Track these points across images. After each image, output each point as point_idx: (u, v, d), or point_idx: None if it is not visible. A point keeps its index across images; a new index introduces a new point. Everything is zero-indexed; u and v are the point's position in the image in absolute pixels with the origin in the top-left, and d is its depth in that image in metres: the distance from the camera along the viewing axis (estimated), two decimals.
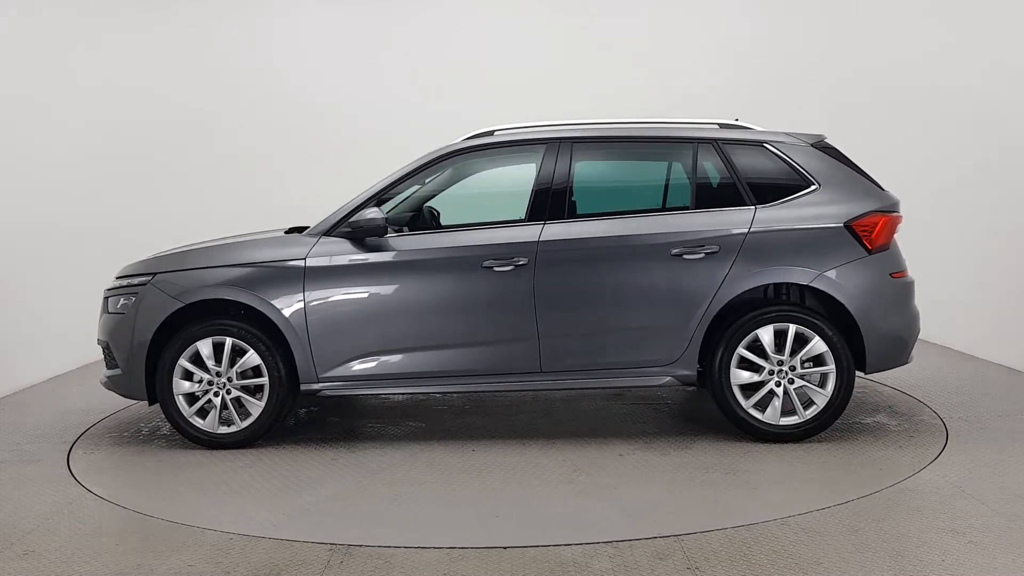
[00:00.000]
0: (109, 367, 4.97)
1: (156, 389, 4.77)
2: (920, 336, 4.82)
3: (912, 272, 4.78)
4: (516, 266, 4.61)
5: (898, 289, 4.64)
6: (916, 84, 7.27)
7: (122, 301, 4.88)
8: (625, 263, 4.63)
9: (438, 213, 5.46)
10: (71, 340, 7.10)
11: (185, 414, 4.74)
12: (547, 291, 4.61)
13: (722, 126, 4.89)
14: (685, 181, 4.84)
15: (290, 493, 4.11)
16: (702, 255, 4.57)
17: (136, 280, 4.90)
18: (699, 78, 8.23)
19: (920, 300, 4.78)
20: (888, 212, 4.64)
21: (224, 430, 4.75)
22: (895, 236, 4.72)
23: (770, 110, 7.36)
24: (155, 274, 4.86)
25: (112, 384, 4.94)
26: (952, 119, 6.87)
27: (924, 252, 6.71)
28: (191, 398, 4.75)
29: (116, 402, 5.88)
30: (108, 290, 5.03)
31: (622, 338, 4.64)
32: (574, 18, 8.55)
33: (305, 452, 4.74)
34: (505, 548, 3.39)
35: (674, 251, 4.59)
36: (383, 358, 4.70)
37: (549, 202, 4.72)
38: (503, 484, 4.14)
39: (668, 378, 4.63)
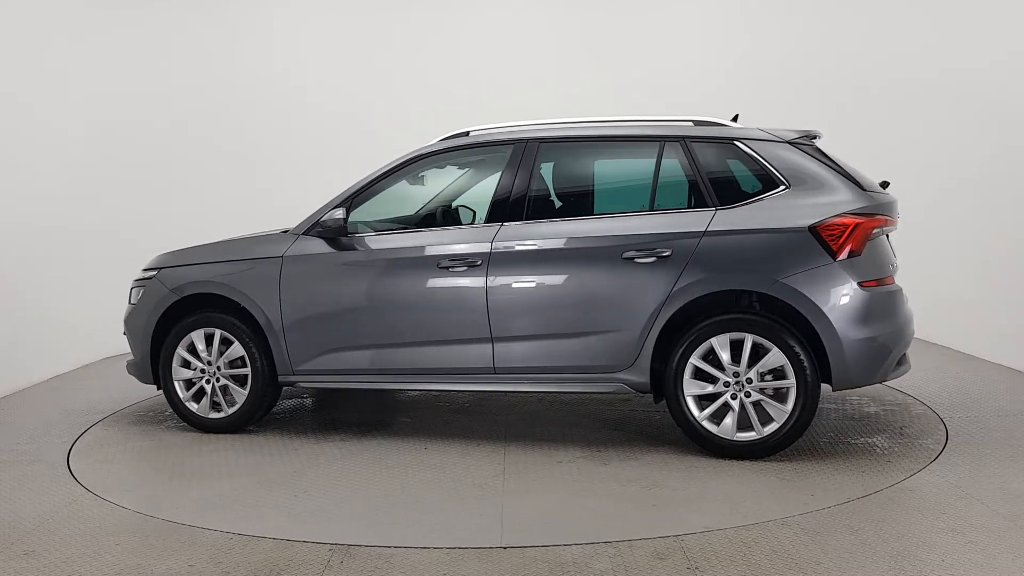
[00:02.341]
0: (131, 353, 5.35)
1: (160, 375, 5.15)
2: (920, 336, 4.73)
3: (912, 272, 4.65)
4: (470, 267, 4.59)
5: (871, 300, 4.22)
6: (917, 82, 7.27)
7: (141, 293, 5.27)
8: (576, 265, 4.49)
9: (474, 212, 5.50)
10: (71, 340, 7.11)
11: (182, 399, 5.10)
12: (499, 292, 4.57)
13: (697, 123, 4.63)
14: (648, 181, 4.61)
15: (222, 479, 4.34)
16: (653, 259, 4.36)
17: (148, 274, 5.29)
18: (701, 78, 8.22)
19: (920, 300, 4.67)
20: (863, 215, 4.26)
21: (214, 415, 5.07)
22: (877, 240, 4.38)
23: (772, 109, 7.35)
24: (161, 269, 5.23)
25: (130, 369, 5.35)
26: (953, 118, 6.87)
27: (924, 252, 6.73)
28: (189, 384, 5.10)
29: (116, 402, 5.92)
30: (133, 281, 5.39)
31: (573, 342, 4.49)
32: (575, 18, 8.54)
33: (277, 440, 4.99)
34: (505, 548, 3.39)
35: (625, 254, 4.41)
36: (347, 354, 4.82)
37: (509, 203, 4.66)
38: (416, 484, 4.18)
39: (619, 385, 4.46)
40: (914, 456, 4.36)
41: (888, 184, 4.72)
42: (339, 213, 4.77)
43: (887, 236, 4.59)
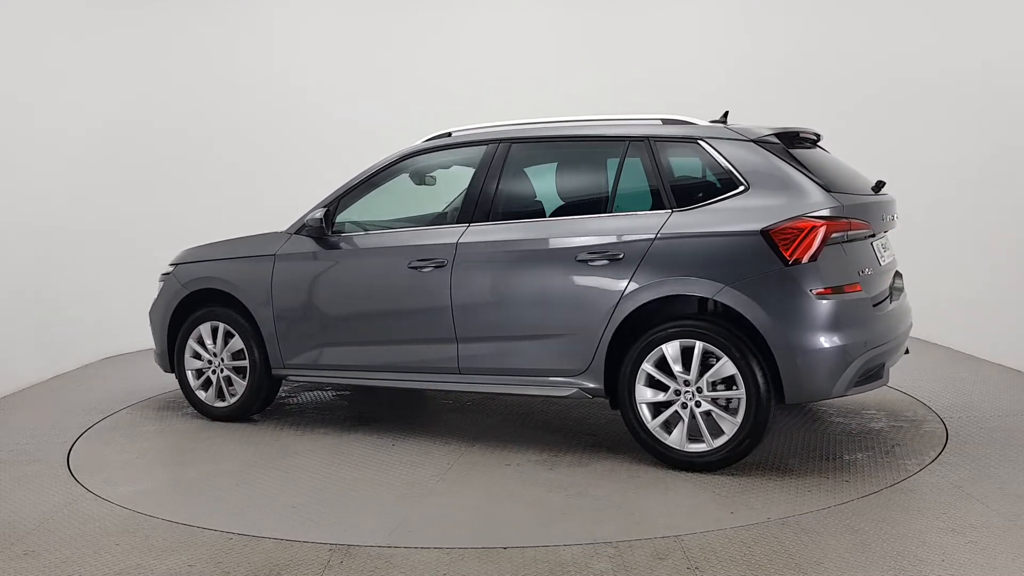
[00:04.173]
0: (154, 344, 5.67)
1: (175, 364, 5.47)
2: (920, 336, 4.69)
3: (912, 272, 4.57)
4: (436, 267, 4.62)
5: (828, 308, 3.94)
6: (917, 82, 7.27)
7: (161, 287, 5.58)
8: (534, 267, 4.43)
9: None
10: (71, 340, 7.11)
11: (192, 387, 5.40)
12: (463, 293, 4.57)
13: (665, 122, 4.46)
14: (611, 182, 4.49)
15: (184, 467, 4.57)
16: (606, 261, 4.25)
17: (169, 269, 5.59)
18: (701, 78, 8.21)
19: (920, 300, 4.62)
20: (823, 219, 3.98)
21: (220, 404, 5.36)
22: (848, 245, 4.11)
23: (772, 109, 7.34)
24: (178, 264, 5.54)
25: (154, 358, 5.67)
26: (953, 118, 6.87)
27: (924, 252, 6.72)
28: (199, 374, 5.42)
29: (116, 401, 5.93)
30: (160, 276, 5.66)
31: (530, 344, 4.44)
32: (575, 18, 8.53)
33: (265, 432, 5.16)
34: (505, 548, 3.39)
35: (579, 257, 4.32)
36: (328, 349, 4.99)
37: (477, 204, 4.66)
38: (353, 481, 4.24)
39: (574, 390, 4.37)
40: (914, 456, 4.35)
41: (883, 184, 4.60)
42: (319, 214, 4.93)
43: (873, 241, 4.38)
